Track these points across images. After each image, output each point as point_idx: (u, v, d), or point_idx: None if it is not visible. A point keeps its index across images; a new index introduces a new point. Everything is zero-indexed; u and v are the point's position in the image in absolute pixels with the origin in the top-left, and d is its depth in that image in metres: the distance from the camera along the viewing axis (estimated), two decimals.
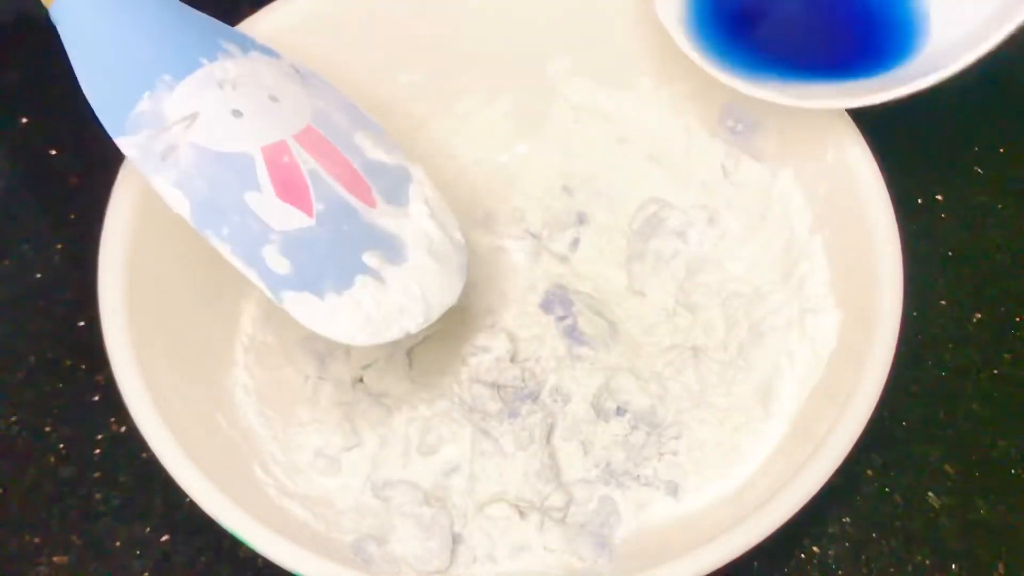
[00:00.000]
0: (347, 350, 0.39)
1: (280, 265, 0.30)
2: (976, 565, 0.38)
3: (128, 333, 0.32)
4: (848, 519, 0.39)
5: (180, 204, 0.30)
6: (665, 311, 0.40)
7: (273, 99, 0.33)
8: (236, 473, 0.34)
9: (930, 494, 0.39)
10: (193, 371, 0.35)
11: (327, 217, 0.31)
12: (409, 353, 0.40)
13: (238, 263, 0.30)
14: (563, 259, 0.42)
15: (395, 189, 0.34)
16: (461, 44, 0.40)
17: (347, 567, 0.30)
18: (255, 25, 0.37)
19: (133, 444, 0.38)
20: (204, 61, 0.32)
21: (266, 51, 0.34)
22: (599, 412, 0.39)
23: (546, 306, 0.41)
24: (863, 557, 0.38)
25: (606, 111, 0.42)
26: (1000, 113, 0.48)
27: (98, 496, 0.39)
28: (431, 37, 0.39)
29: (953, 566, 0.38)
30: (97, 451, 0.39)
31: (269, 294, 0.30)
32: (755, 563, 0.37)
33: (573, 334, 0.40)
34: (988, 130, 0.47)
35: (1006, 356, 0.42)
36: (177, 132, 0.30)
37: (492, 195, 0.43)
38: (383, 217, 0.33)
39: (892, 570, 0.38)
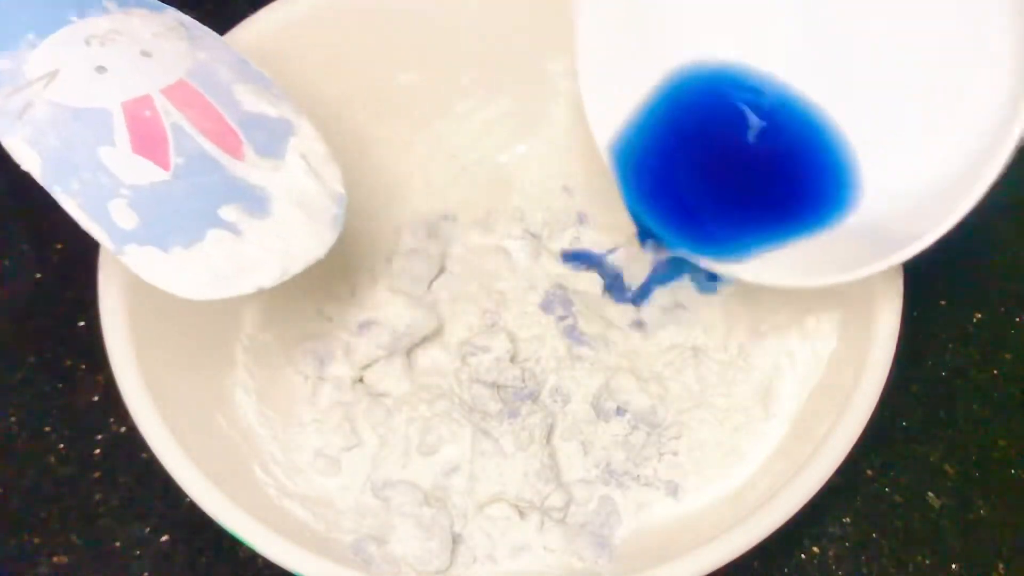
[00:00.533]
0: (346, 350, 0.39)
1: (126, 219, 0.30)
2: (976, 565, 0.38)
3: (128, 333, 0.32)
4: (848, 519, 0.39)
5: (31, 161, 0.30)
6: (665, 311, 0.40)
7: (145, 54, 0.32)
8: (236, 473, 0.34)
9: (930, 494, 0.39)
10: (193, 371, 0.35)
11: (185, 170, 0.31)
12: (409, 353, 0.40)
13: (83, 217, 0.30)
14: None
15: (272, 142, 0.33)
16: (461, 44, 0.40)
17: (347, 567, 0.30)
18: (254, 25, 0.37)
19: (133, 444, 0.38)
20: (73, 18, 0.32)
21: (152, 5, 0.34)
22: (599, 412, 0.39)
23: (546, 306, 0.41)
24: (863, 557, 0.38)
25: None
26: None
27: (98, 496, 0.39)
28: (431, 37, 0.39)
29: (953, 566, 0.38)
30: (97, 451, 0.39)
31: (111, 247, 0.30)
32: (755, 563, 0.37)
33: (573, 334, 0.40)
34: None
35: (1006, 356, 0.42)
36: (36, 90, 0.30)
37: (492, 195, 0.43)
38: (251, 169, 0.32)
39: (892, 570, 0.38)
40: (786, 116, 0.35)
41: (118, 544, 0.38)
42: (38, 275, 0.43)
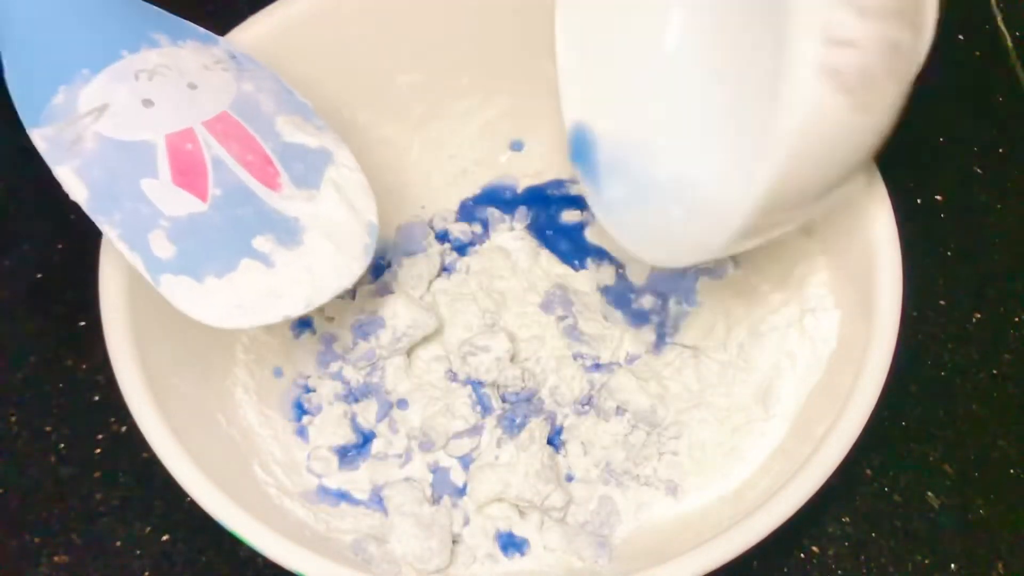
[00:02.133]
0: (346, 350, 0.39)
1: (164, 250, 0.31)
2: (975, 565, 0.38)
3: (128, 333, 0.32)
4: (847, 519, 0.39)
5: (79, 191, 0.31)
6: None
7: (192, 86, 0.33)
8: (236, 473, 0.34)
9: (929, 494, 0.39)
10: (193, 370, 0.35)
11: (222, 202, 0.32)
12: (409, 353, 0.40)
13: (123, 248, 0.30)
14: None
15: (308, 173, 0.34)
16: (461, 44, 0.40)
17: (347, 566, 0.30)
18: (254, 27, 0.37)
19: (133, 444, 0.38)
20: (125, 53, 0.32)
21: (204, 38, 0.35)
22: (599, 412, 0.39)
23: (546, 306, 0.41)
24: (862, 557, 0.38)
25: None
26: (1000, 113, 0.48)
27: (98, 496, 0.39)
28: (431, 37, 0.39)
29: (952, 566, 0.38)
30: (97, 451, 0.39)
31: (148, 278, 0.30)
32: (755, 563, 0.38)
33: (573, 334, 0.40)
34: (988, 130, 0.47)
35: (1006, 356, 0.42)
36: (86, 123, 0.31)
37: (492, 195, 0.43)
38: (286, 200, 0.33)
39: (891, 570, 0.38)
40: None
41: (118, 544, 0.38)
42: (39, 275, 0.43)
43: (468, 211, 0.43)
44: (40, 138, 0.31)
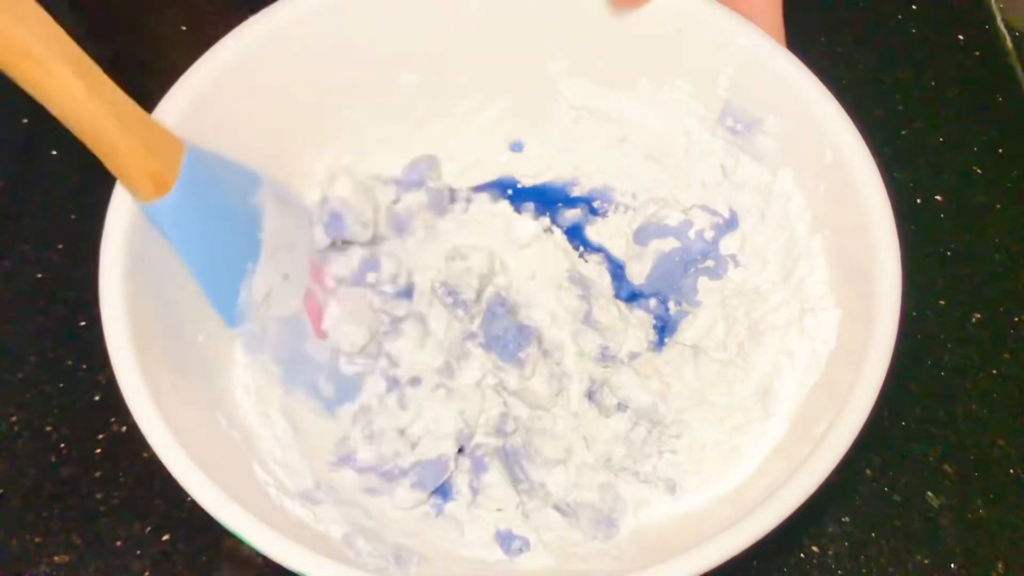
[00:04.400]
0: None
1: (328, 391, 0.37)
2: (975, 565, 0.38)
3: (128, 332, 0.32)
4: (847, 518, 0.39)
5: (274, 372, 0.36)
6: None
7: (292, 246, 0.36)
8: (236, 472, 0.34)
9: (929, 494, 0.39)
10: (193, 370, 0.35)
11: (330, 338, 0.37)
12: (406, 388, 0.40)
13: (311, 402, 0.36)
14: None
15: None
16: (461, 44, 0.40)
17: (348, 566, 0.30)
18: (255, 27, 0.37)
19: (134, 444, 0.38)
20: (260, 235, 0.35)
21: (255, 180, 0.36)
22: (600, 407, 0.39)
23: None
24: (862, 557, 0.38)
25: (606, 111, 0.42)
26: (1000, 113, 0.48)
27: (98, 496, 0.39)
28: (431, 37, 0.39)
29: (952, 565, 0.38)
30: (98, 451, 0.39)
31: (328, 415, 0.37)
32: (754, 562, 0.38)
33: (588, 321, 0.40)
34: (988, 130, 0.47)
35: (1005, 356, 0.42)
36: (263, 312, 0.35)
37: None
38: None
39: (891, 570, 0.38)
40: None
41: (119, 543, 0.38)
42: (39, 275, 0.43)
43: None
44: (242, 335, 0.35)
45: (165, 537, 0.38)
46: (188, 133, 0.33)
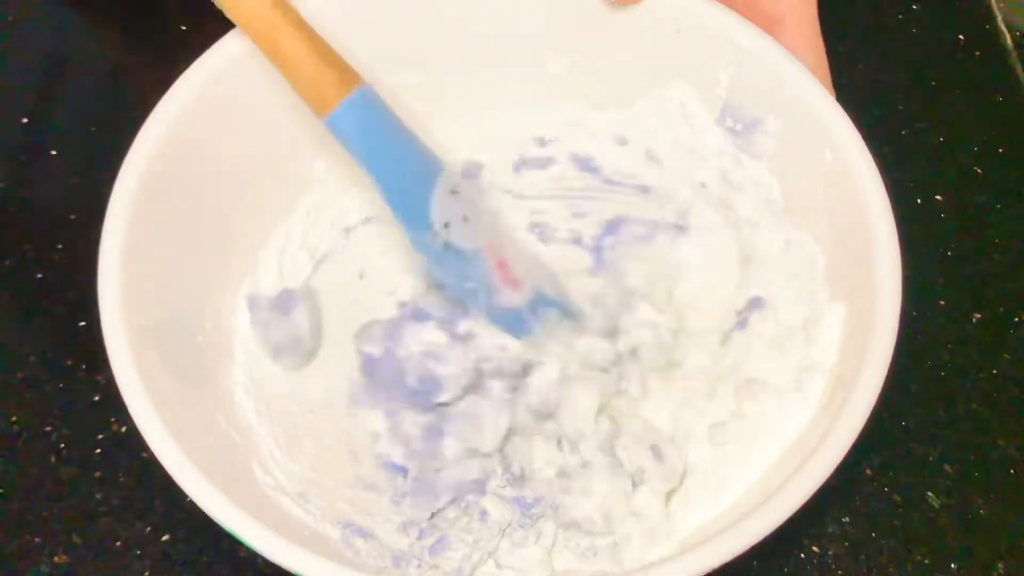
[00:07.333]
0: None
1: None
2: (975, 564, 0.38)
3: (128, 333, 0.32)
4: (847, 519, 0.39)
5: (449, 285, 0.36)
6: (663, 311, 0.40)
7: (472, 213, 0.36)
8: (236, 473, 0.34)
9: (929, 494, 0.39)
10: (193, 371, 0.35)
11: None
12: None
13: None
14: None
15: None
16: (461, 44, 0.40)
17: (348, 567, 0.30)
18: None
19: (133, 444, 0.38)
20: (439, 172, 0.35)
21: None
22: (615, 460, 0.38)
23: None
24: (862, 557, 0.38)
25: (605, 111, 0.42)
26: (1000, 113, 0.48)
27: (98, 496, 0.39)
28: (431, 37, 0.39)
29: (952, 565, 0.38)
30: (98, 451, 0.39)
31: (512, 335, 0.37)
32: (755, 563, 0.38)
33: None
34: (988, 130, 0.47)
35: (1006, 356, 0.42)
36: (441, 235, 0.35)
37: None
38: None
39: (891, 569, 0.38)
40: None
41: (119, 544, 0.38)
42: (39, 275, 0.43)
43: None
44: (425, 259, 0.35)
45: (165, 537, 0.38)
46: (189, 133, 0.33)
